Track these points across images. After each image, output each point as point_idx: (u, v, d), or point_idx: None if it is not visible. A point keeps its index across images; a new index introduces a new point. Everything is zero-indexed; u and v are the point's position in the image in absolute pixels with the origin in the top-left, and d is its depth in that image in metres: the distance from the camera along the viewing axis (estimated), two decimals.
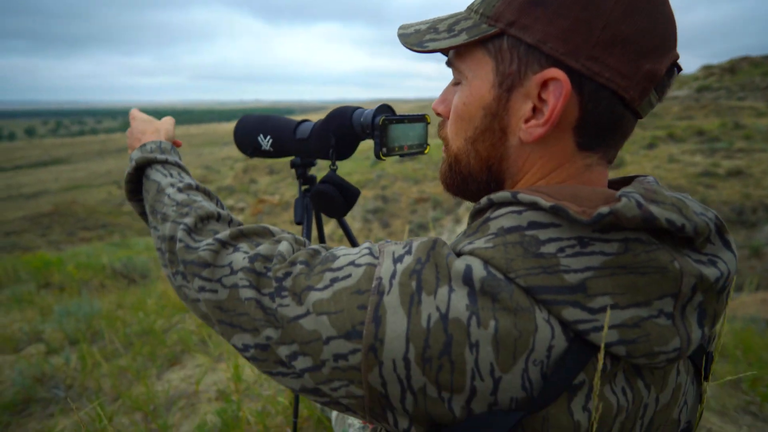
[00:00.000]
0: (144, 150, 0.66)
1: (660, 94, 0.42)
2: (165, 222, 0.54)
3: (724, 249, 0.41)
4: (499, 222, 0.40)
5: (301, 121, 0.93)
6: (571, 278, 0.36)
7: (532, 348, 0.35)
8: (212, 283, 0.45)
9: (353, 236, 1.08)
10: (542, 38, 0.39)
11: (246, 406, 1.50)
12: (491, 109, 0.43)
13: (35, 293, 3.51)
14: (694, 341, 0.38)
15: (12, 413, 1.80)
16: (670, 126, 14.87)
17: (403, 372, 0.36)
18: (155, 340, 2.28)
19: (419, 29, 0.48)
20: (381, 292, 0.37)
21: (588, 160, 0.43)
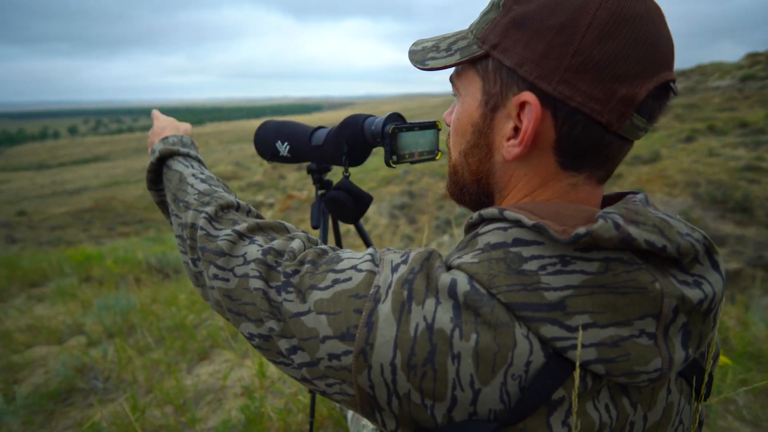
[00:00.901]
0: (166, 142, 0.68)
1: (648, 118, 0.41)
2: (187, 210, 0.56)
3: (711, 270, 0.41)
4: (486, 238, 0.41)
5: (316, 128, 0.95)
6: (551, 296, 0.36)
7: (510, 362, 0.36)
8: (225, 272, 0.48)
9: (370, 240, 1.09)
10: (519, 62, 0.40)
11: (269, 402, 1.55)
12: (478, 127, 0.45)
13: (77, 287, 3.70)
14: (677, 362, 0.38)
15: (56, 402, 1.92)
16: (710, 118, 14.18)
17: (390, 377, 0.38)
18: (186, 335, 2.38)
19: (426, 46, 0.50)
20: (377, 299, 0.39)
21: (573, 180, 0.43)
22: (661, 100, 0.41)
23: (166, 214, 0.66)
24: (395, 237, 11.00)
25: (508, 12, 0.41)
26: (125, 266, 4.20)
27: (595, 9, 0.38)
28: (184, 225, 0.55)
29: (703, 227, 7.80)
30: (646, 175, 10.13)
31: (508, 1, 0.42)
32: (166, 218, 0.66)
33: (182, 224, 0.56)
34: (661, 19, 0.40)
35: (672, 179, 9.67)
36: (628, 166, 10.83)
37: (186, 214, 0.55)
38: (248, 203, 0.58)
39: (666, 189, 9.37)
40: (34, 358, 2.38)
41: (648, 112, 0.41)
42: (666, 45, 0.40)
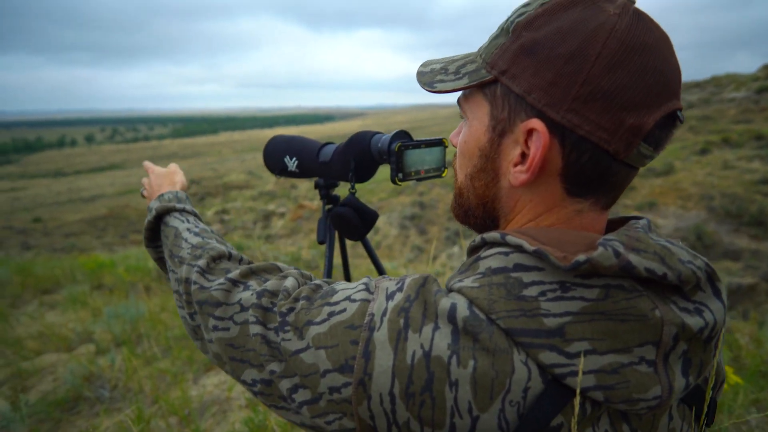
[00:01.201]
0: (162, 200, 0.71)
1: (655, 147, 0.41)
2: (182, 265, 0.57)
3: (713, 298, 0.41)
4: (487, 262, 0.41)
5: (324, 144, 0.96)
6: (550, 322, 0.36)
7: (508, 389, 0.36)
8: (224, 321, 0.48)
9: (377, 257, 1.09)
10: (527, 89, 0.40)
11: (273, 416, 1.54)
12: (485, 151, 0.45)
13: (89, 294, 3.75)
14: (677, 390, 0.38)
15: (63, 410, 1.93)
16: (724, 130, 14.00)
17: (389, 406, 0.37)
18: (193, 345, 2.38)
19: (434, 68, 0.50)
20: (372, 328, 0.39)
21: (578, 206, 0.43)
22: (668, 128, 0.41)
23: (165, 271, 0.67)
24: (405, 248, 10.97)
25: (517, 38, 0.41)
26: (136, 274, 4.24)
27: (604, 38, 0.38)
28: (180, 280, 0.56)
29: (718, 241, 7.66)
30: (660, 188, 10.00)
31: (518, 27, 0.42)
32: (164, 275, 0.67)
33: (178, 279, 0.56)
34: (669, 49, 0.40)
35: (686, 192, 9.53)
36: (641, 179, 10.71)
37: (181, 268, 0.56)
38: (240, 253, 0.59)
39: (679, 202, 9.24)
40: (43, 366, 2.40)
41: (655, 141, 0.41)
42: (674, 74, 0.40)
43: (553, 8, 0.40)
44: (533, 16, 0.41)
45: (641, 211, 9.21)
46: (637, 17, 0.39)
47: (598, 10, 0.39)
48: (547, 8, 0.41)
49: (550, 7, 0.41)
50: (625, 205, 9.67)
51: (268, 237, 12.55)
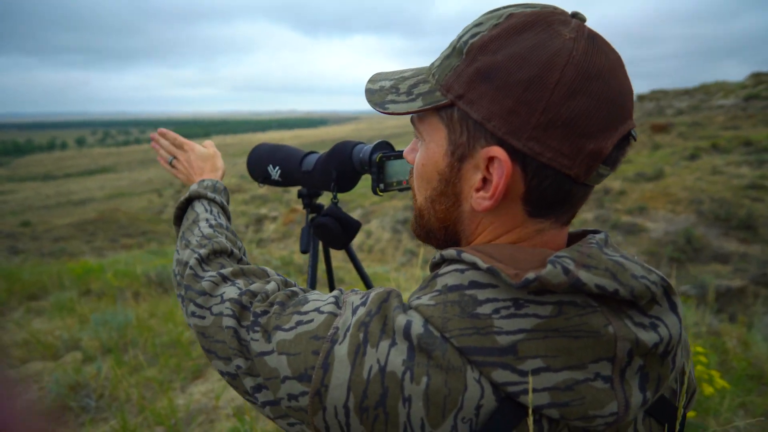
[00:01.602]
0: (201, 185, 0.72)
1: (612, 166, 0.42)
2: (186, 248, 0.59)
3: (669, 312, 0.41)
4: (444, 279, 0.41)
5: (307, 153, 0.96)
6: (503, 340, 0.37)
7: (460, 406, 0.36)
8: (202, 310, 0.50)
9: (361, 265, 1.09)
10: (486, 116, 0.40)
11: (260, 425, 1.53)
12: (445, 175, 0.45)
13: (76, 300, 3.70)
14: (634, 406, 0.38)
15: (48, 421, 1.90)
16: (714, 136, 14.18)
17: (344, 419, 0.38)
18: (181, 352, 2.36)
19: (383, 86, 0.48)
20: (334, 341, 0.40)
21: (539, 226, 0.44)
22: (623, 148, 0.42)
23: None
24: (398, 252, 10.97)
25: (472, 61, 0.40)
26: (125, 280, 4.19)
27: (563, 65, 0.38)
28: (180, 262, 0.58)
29: (707, 245, 7.74)
30: (650, 192, 10.10)
31: (473, 49, 0.41)
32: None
33: (179, 260, 0.59)
34: (622, 71, 0.41)
35: (675, 197, 9.63)
36: (632, 183, 10.81)
37: (184, 252, 0.59)
38: (244, 253, 0.61)
39: (669, 206, 9.33)
40: (29, 374, 2.36)
41: (612, 161, 0.41)
42: (627, 95, 0.40)
43: (507, 31, 0.40)
44: (488, 38, 0.40)
45: (631, 215, 9.29)
46: (592, 41, 0.39)
47: (554, 34, 0.39)
48: (502, 30, 0.40)
49: (505, 30, 0.40)
50: (616, 209, 9.75)
51: (260, 241, 12.48)
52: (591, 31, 0.40)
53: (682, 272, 7.04)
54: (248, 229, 14.61)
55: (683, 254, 7.52)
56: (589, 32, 0.40)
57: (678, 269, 7.13)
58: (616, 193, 10.49)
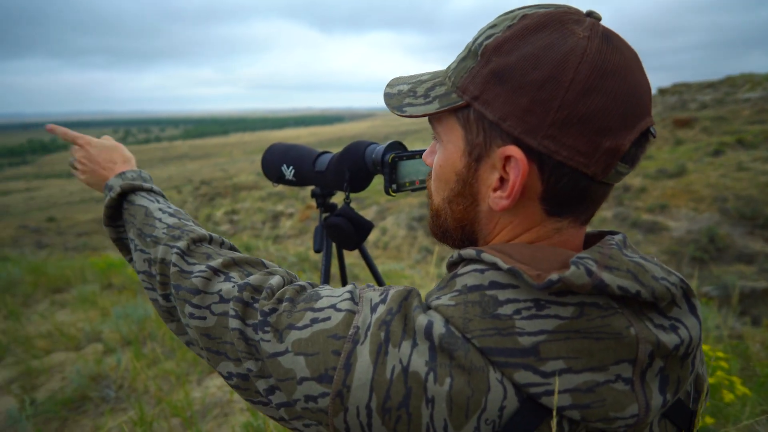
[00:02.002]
0: (125, 178, 0.66)
1: (631, 164, 0.41)
2: (156, 245, 0.54)
3: (689, 314, 0.41)
4: (463, 279, 0.41)
5: (320, 153, 0.96)
6: (525, 341, 0.36)
7: (484, 407, 0.36)
8: (201, 310, 0.47)
9: (374, 265, 1.09)
10: (502, 116, 0.40)
11: (272, 421, 1.55)
12: (462, 176, 0.45)
13: (98, 294, 3.80)
14: (654, 408, 0.38)
15: (69, 409, 1.97)
16: (739, 131, 13.76)
17: (366, 420, 0.37)
18: None
19: (401, 90, 0.49)
20: (356, 341, 0.39)
21: (558, 224, 0.43)
22: (642, 145, 0.41)
23: (124, 252, 0.65)
24: (413, 249, 10.96)
25: (487, 63, 0.41)
26: None
27: (576, 63, 0.37)
28: (153, 261, 0.54)
29: (731, 244, 7.53)
30: (671, 190, 9.87)
31: (487, 50, 0.41)
32: (123, 256, 0.65)
33: (150, 260, 0.54)
34: (639, 68, 0.40)
35: (698, 194, 9.39)
36: (653, 180, 10.58)
37: (155, 249, 0.54)
38: (220, 235, 0.57)
39: (692, 204, 9.10)
40: (52, 364, 2.44)
41: (631, 159, 0.41)
42: (645, 92, 0.40)
43: (521, 31, 0.40)
44: (502, 40, 0.40)
45: (652, 214, 9.09)
46: (606, 39, 0.39)
47: (568, 33, 0.39)
48: (516, 31, 0.40)
49: (519, 30, 0.40)
50: (636, 207, 9.56)
51: (276, 237, 12.62)
52: (606, 29, 0.40)
53: (705, 272, 6.87)
54: (264, 225, 14.77)
55: (706, 254, 7.33)
56: (604, 30, 0.40)
57: (700, 269, 6.96)
58: (637, 191, 10.27)
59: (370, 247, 12.05)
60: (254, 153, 57.43)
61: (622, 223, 9.07)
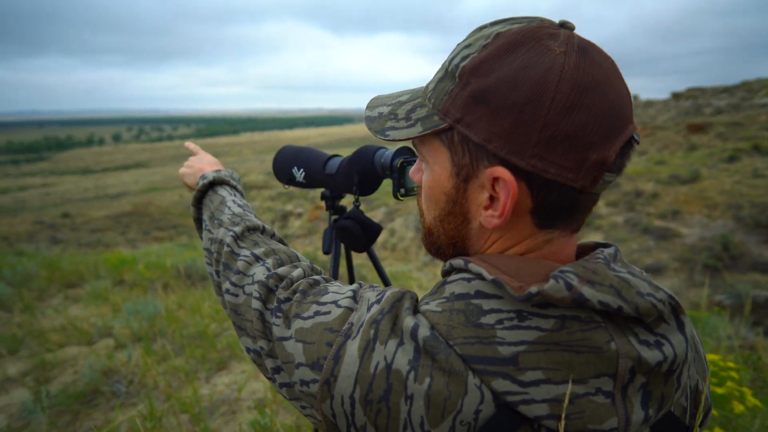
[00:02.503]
0: (219, 173, 0.76)
1: (617, 172, 0.42)
2: (220, 227, 0.62)
3: (676, 331, 0.41)
4: (451, 287, 0.42)
5: (330, 156, 0.98)
6: (505, 351, 0.37)
7: (459, 409, 0.37)
8: (236, 288, 0.53)
9: (382, 268, 1.10)
10: (486, 138, 0.40)
11: (280, 418, 1.57)
12: (452, 196, 0.45)
13: (110, 290, 3.86)
14: (635, 422, 0.38)
15: (81, 403, 2.00)
16: (755, 137, 13.52)
17: (349, 409, 0.40)
18: (207, 344, 2.44)
19: (381, 113, 0.49)
20: (348, 335, 0.42)
21: (548, 236, 0.44)
22: (627, 152, 0.42)
23: (199, 230, 0.73)
24: (421, 251, 10.95)
25: (466, 85, 0.41)
26: (156, 271, 4.35)
27: (556, 82, 0.38)
28: (214, 240, 0.61)
29: (745, 252, 7.40)
30: (684, 196, 9.73)
31: (465, 72, 0.41)
32: (198, 234, 0.74)
33: (213, 239, 0.62)
34: (617, 76, 0.40)
35: (712, 201, 9.25)
36: (665, 186, 10.44)
37: (218, 231, 0.62)
38: (274, 229, 0.64)
39: (705, 211, 8.97)
40: (65, 358, 2.49)
41: (617, 167, 0.41)
42: (625, 101, 0.40)
43: (497, 51, 0.40)
44: (478, 61, 0.40)
45: (664, 220, 8.98)
46: (583, 52, 0.39)
47: (544, 51, 0.39)
48: (492, 51, 0.40)
49: (495, 51, 0.40)
50: (648, 213, 9.45)
51: (285, 237, 12.68)
52: (581, 41, 0.40)
53: (718, 281, 6.76)
54: (274, 225, 14.85)
55: (719, 262, 7.22)
56: (579, 42, 0.40)
57: (713, 277, 6.85)
58: (649, 196, 10.15)
59: (378, 248, 12.07)
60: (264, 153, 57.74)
61: (633, 229, 8.97)
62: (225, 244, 0.58)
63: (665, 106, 24.94)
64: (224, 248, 0.58)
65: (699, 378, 0.47)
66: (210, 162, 0.84)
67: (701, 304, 3.47)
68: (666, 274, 7.24)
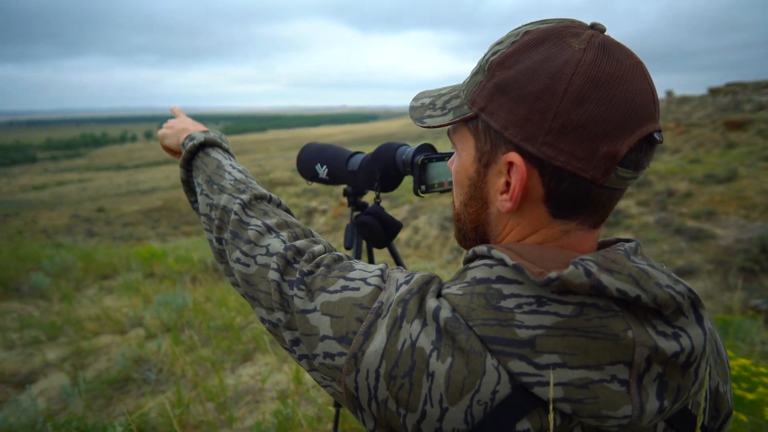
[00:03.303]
0: (208, 134, 0.73)
1: (635, 168, 0.42)
2: (222, 193, 0.61)
3: (695, 324, 0.41)
4: (473, 272, 0.44)
5: (353, 153, 0.99)
6: (522, 333, 0.39)
7: (477, 389, 0.38)
8: (247, 258, 0.53)
9: (402, 263, 1.11)
10: (504, 125, 0.43)
11: (301, 409, 1.60)
12: (474, 181, 0.48)
13: (141, 282, 4.02)
14: (649, 412, 0.38)
15: (114, 389, 2.10)
16: None
17: (373, 383, 0.41)
18: (233, 336, 2.51)
19: (424, 103, 0.53)
20: (379, 314, 0.43)
21: (565, 227, 0.45)
22: (645, 150, 0.42)
23: (188, 194, 0.71)
24: (444, 249, 10.90)
25: (492, 77, 0.44)
26: (184, 265, 4.49)
27: (570, 74, 0.40)
28: (215, 206, 0.60)
29: None
30: (720, 196, 9.35)
31: (492, 65, 0.44)
32: (187, 197, 0.72)
33: (213, 205, 0.61)
34: (640, 76, 0.41)
35: (750, 201, 8.84)
36: (700, 185, 10.05)
37: (220, 196, 0.61)
38: (279, 198, 0.64)
39: (742, 212, 8.59)
40: (99, 346, 2.61)
41: (633, 163, 0.42)
42: (646, 99, 0.41)
43: (522, 47, 0.43)
44: (505, 55, 0.43)
45: (698, 220, 8.65)
46: (603, 49, 0.41)
47: (565, 47, 0.41)
48: (517, 47, 0.43)
49: (520, 46, 0.43)
50: (681, 213, 9.12)
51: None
52: (606, 40, 0.42)
53: (755, 284, 6.47)
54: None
55: (756, 265, 6.91)
56: (602, 41, 0.41)
57: (750, 281, 6.56)
58: (682, 195, 9.80)
59: (402, 245, 12.07)
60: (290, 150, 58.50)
61: (665, 230, 8.68)
62: (232, 212, 0.58)
63: (701, 103, 23.95)
64: (231, 216, 0.57)
65: (720, 380, 0.47)
66: (193, 123, 0.80)
67: (735, 307, 3.35)
68: (699, 277, 6.99)
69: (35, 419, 1.52)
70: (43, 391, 2.13)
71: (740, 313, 3.35)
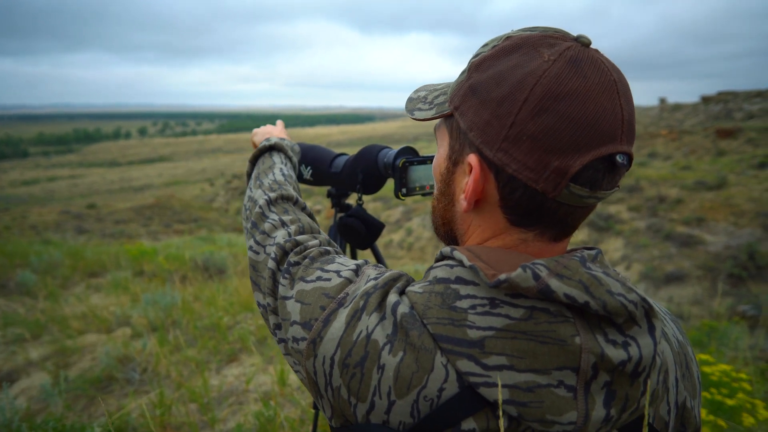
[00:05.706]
0: (284, 142, 0.82)
1: (591, 187, 0.41)
2: (259, 189, 0.68)
3: (646, 334, 0.41)
4: (436, 272, 0.45)
5: (337, 155, 0.99)
6: (473, 334, 0.39)
7: (424, 384, 0.39)
8: (259, 246, 0.58)
9: (385, 264, 1.11)
10: (469, 126, 0.44)
11: (284, 411, 1.59)
12: (444, 177, 0.50)
13: (130, 280, 3.97)
14: (595, 419, 0.38)
15: (97, 388, 2.07)
16: None
17: (329, 369, 0.43)
18: (220, 336, 2.49)
19: (420, 96, 0.54)
20: (342, 303, 0.45)
21: (523, 235, 0.45)
22: (604, 171, 0.41)
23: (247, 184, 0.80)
24: (437, 251, 10.90)
25: (469, 78, 0.45)
26: (174, 263, 4.45)
27: (532, 85, 0.40)
28: (251, 198, 0.67)
29: None
30: (710, 203, 9.44)
31: (472, 66, 0.45)
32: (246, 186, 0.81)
33: (250, 197, 0.68)
34: (608, 95, 0.40)
35: (739, 208, 8.94)
36: (690, 192, 10.15)
37: (257, 191, 0.68)
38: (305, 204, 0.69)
39: (731, 218, 8.68)
40: (84, 345, 2.58)
41: (589, 182, 0.41)
42: (610, 119, 0.40)
43: (499, 52, 0.43)
44: (483, 58, 0.44)
45: (688, 226, 8.73)
46: (572, 63, 0.40)
47: (536, 56, 0.41)
48: (495, 51, 0.43)
49: (498, 51, 0.43)
50: (671, 219, 9.20)
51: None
52: (580, 54, 0.40)
53: (743, 290, 6.54)
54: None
55: (744, 271, 6.99)
56: (576, 55, 0.40)
57: (738, 287, 6.63)
58: (672, 202, 9.88)
59: (395, 247, 12.07)
60: None
61: (655, 235, 8.76)
62: (258, 205, 0.63)
63: (694, 110, 24.18)
64: (256, 208, 0.63)
65: (688, 395, 0.47)
66: (281, 131, 0.91)
67: (721, 313, 3.37)
68: (688, 282, 7.05)
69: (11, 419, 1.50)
70: (24, 390, 2.10)
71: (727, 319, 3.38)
